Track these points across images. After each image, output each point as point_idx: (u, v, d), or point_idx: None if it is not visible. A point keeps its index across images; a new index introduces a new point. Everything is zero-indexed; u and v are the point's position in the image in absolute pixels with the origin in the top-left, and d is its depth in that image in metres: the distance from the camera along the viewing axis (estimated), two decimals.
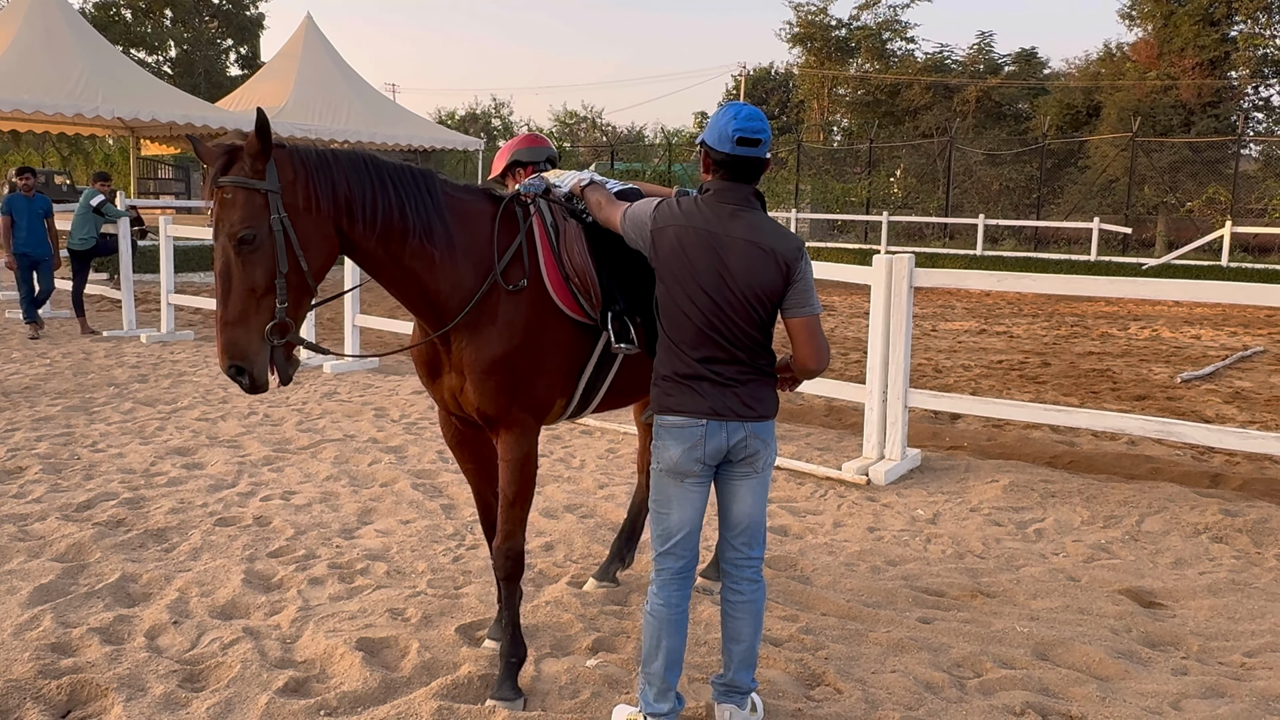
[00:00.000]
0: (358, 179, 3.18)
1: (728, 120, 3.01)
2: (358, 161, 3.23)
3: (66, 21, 20.80)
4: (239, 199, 2.97)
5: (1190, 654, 4.01)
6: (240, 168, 2.99)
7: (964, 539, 5.35)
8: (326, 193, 3.10)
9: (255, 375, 3.01)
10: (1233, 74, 36.04)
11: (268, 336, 3.01)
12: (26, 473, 6.14)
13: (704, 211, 3.04)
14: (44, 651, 3.75)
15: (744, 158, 3.01)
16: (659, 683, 3.14)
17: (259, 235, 2.97)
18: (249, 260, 2.97)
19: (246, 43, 51.24)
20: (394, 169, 3.30)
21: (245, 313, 2.98)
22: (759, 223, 3.05)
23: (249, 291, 2.98)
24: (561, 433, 7.41)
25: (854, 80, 45.27)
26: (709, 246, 3.00)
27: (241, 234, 2.95)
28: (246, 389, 3.02)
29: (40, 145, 47.46)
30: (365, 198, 3.17)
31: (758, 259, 3.00)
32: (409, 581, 4.59)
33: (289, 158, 3.08)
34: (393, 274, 3.31)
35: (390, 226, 3.22)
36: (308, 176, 3.08)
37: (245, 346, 2.98)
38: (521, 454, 3.45)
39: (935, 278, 6.75)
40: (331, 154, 3.19)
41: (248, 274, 2.98)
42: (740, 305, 3.00)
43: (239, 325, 2.98)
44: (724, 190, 3.05)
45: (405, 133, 24.97)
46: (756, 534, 3.21)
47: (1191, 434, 5.88)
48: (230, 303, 2.98)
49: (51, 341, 11.22)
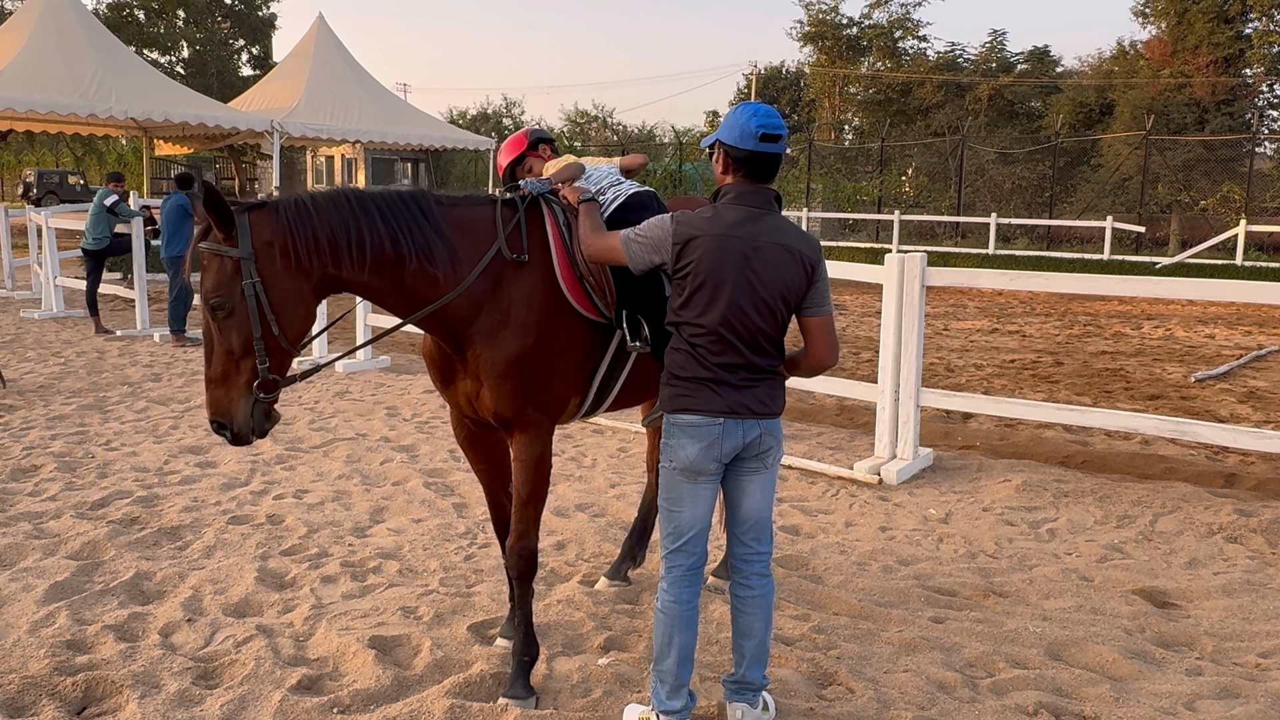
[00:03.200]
0: (340, 220, 3.16)
1: (748, 118, 3.01)
2: (339, 201, 3.20)
3: (80, 22, 20.88)
4: (212, 265, 3.03)
5: (1204, 654, 3.99)
6: (215, 235, 3.03)
7: (976, 539, 5.33)
8: (306, 245, 3.09)
9: (236, 431, 3.10)
10: (1247, 71, 35.84)
11: (250, 393, 3.08)
12: (41, 471, 6.17)
13: (729, 217, 3.03)
14: (59, 648, 3.77)
15: (765, 154, 3.01)
16: (671, 680, 3.14)
17: (230, 302, 3.01)
18: (223, 326, 3.04)
19: (259, 43, 51.42)
20: (380, 199, 3.27)
21: (226, 373, 3.07)
22: (782, 225, 3.05)
23: (227, 354, 3.06)
24: (573, 432, 7.42)
25: (865, 79, 45.19)
26: (739, 252, 2.99)
27: (213, 301, 3.02)
28: (230, 442, 3.13)
29: (54, 145, 47.75)
30: (350, 237, 3.16)
31: (785, 261, 3.01)
32: (421, 580, 4.60)
33: (264, 218, 3.07)
34: (397, 299, 3.31)
35: (381, 258, 3.21)
36: (285, 232, 3.07)
37: (226, 405, 3.08)
38: (536, 454, 3.45)
39: (947, 276, 6.73)
40: (310, 200, 3.17)
41: (224, 338, 3.05)
42: (766, 308, 3.01)
43: (220, 385, 3.07)
44: (746, 194, 3.05)
45: (417, 132, 24.97)
46: (764, 529, 3.22)
47: (1206, 433, 5.85)
48: (212, 363, 3.08)
49: (66, 341, 11.28)
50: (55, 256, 13.53)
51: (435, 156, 44.41)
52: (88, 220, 12.02)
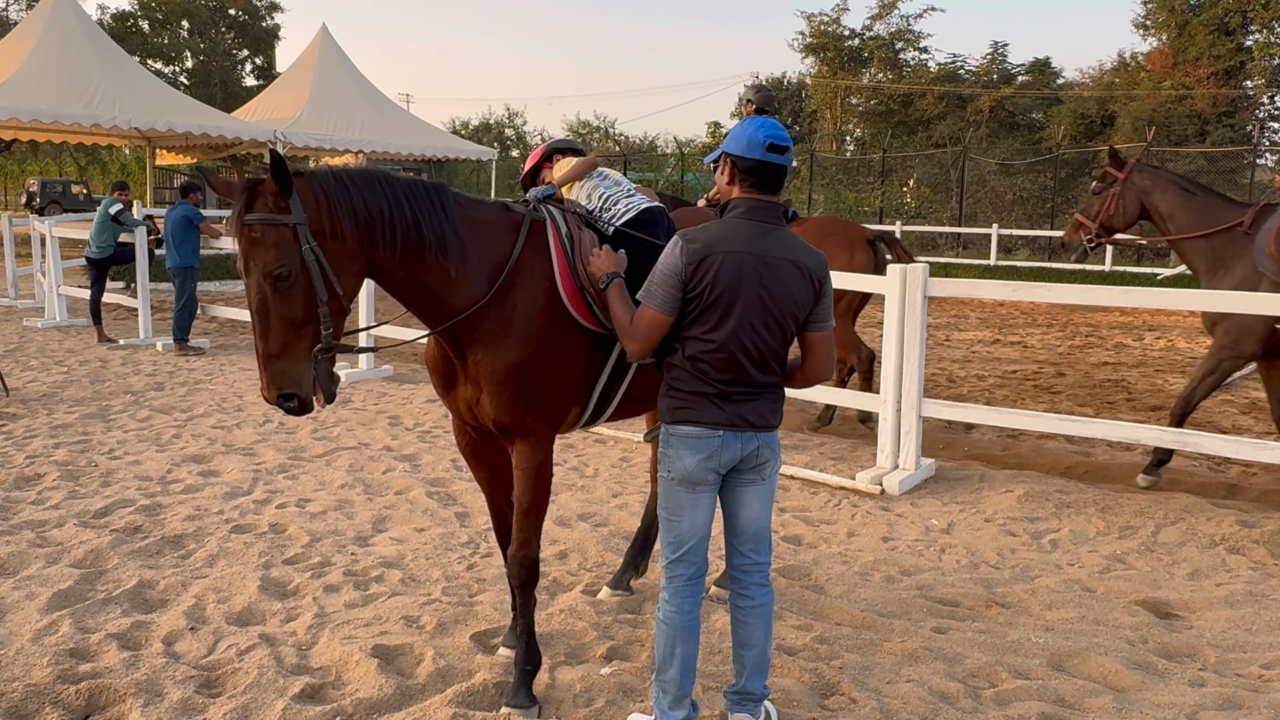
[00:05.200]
0: (375, 199, 3.17)
1: (755, 129, 3.03)
2: (373, 180, 3.21)
3: (84, 33, 20.97)
4: (268, 236, 2.94)
5: (1207, 665, 3.99)
6: (264, 203, 2.96)
7: (978, 549, 5.33)
8: (348, 216, 3.09)
9: (304, 398, 3.02)
10: (1248, 83, 35.90)
11: (314, 359, 3.02)
12: (45, 479, 6.18)
13: (740, 232, 3.02)
14: (62, 657, 3.77)
15: (773, 164, 3.03)
16: (674, 689, 3.14)
17: (293, 270, 2.95)
18: (287, 295, 2.95)
19: (262, 53, 51.67)
20: (407, 185, 3.28)
21: (288, 343, 2.98)
22: (790, 240, 3.06)
23: (289, 324, 2.97)
24: (575, 441, 7.42)
25: (867, 90, 45.28)
26: (751, 269, 2.99)
27: (276, 271, 2.93)
28: (295, 412, 3.03)
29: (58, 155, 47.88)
30: (384, 218, 3.16)
31: (794, 277, 3.02)
32: (424, 589, 4.60)
33: (308, 185, 3.06)
34: (411, 292, 3.32)
35: (409, 244, 3.21)
36: (330, 202, 3.07)
37: (292, 374, 2.99)
38: (537, 462, 3.46)
39: (949, 287, 6.74)
40: (347, 175, 3.17)
41: (287, 308, 2.96)
42: (776, 325, 3.02)
43: (284, 357, 2.98)
44: (755, 208, 3.05)
45: (419, 143, 25.05)
46: (763, 540, 3.23)
47: (1208, 444, 5.85)
48: (271, 338, 2.97)
49: (69, 349, 11.30)
50: (58, 265, 13.57)
51: (438, 167, 44.45)
52: (92, 229, 12.06)
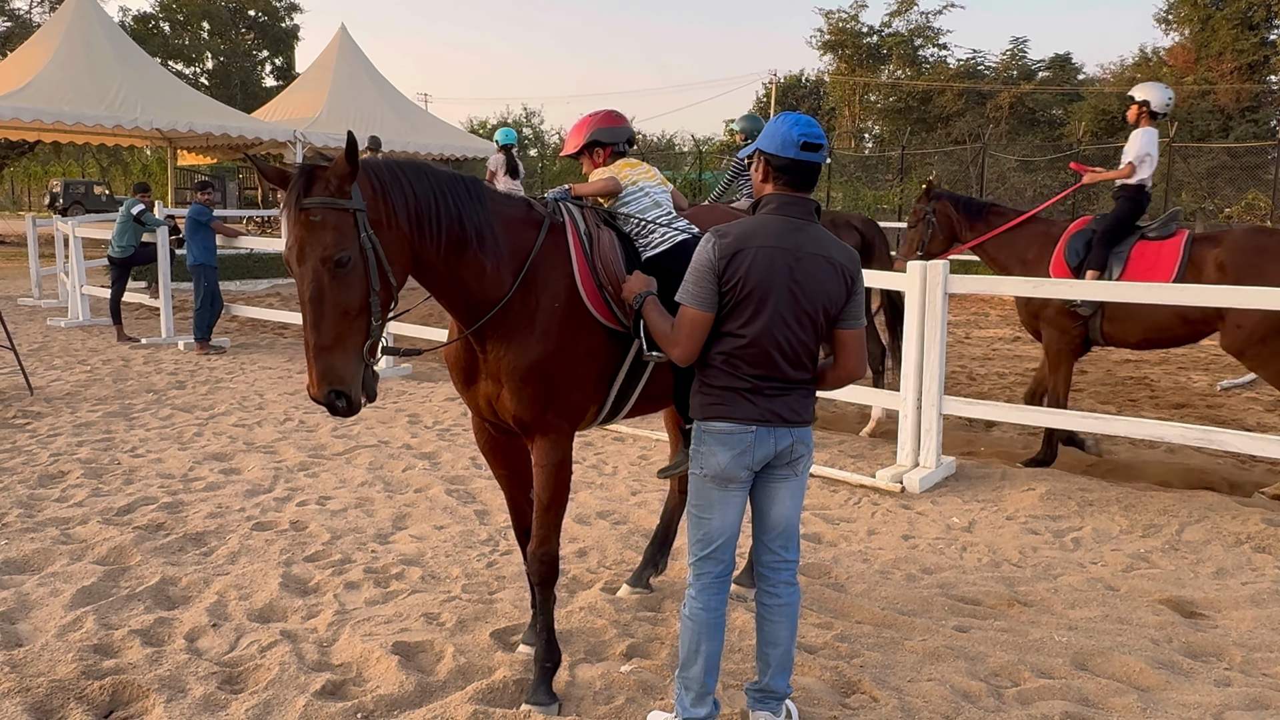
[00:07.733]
0: (423, 190, 3.15)
1: (790, 126, 3.03)
2: (420, 172, 3.20)
3: (106, 35, 21.17)
4: (329, 220, 2.87)
5: (1233, 665, 3.94)
6: (325, 188, 2.89)
7: (1000, 547, 5.30)
8: (401, 206, 3.08)
9: (353, 398, 2.91)
10: (1272, 78, 35.56)
11: (363, 356, 2.95)
12: (68, 477, 6.23)
13: (772, 228, 3.02)
14: (87, 652, 3.80)
15: (806, 162, 3.03)
16: (698, 687, 3.14)
17: (352, 256, 2.89)
18: (343, 282, 2.88)
19: (282, 54, 51.92)
20: (449, 178, 3.27)
21: (340, 335, 2.88)
22: (822, 236, 3.05)
23: (343, 314, 2.89)
24: (594, 439, 7.43)
25: (885, 87, 45.11)
26: (783, 264, 2.98)
27: (337, 256, 2.85)
28: (343, 413, 2.91)
29: (80, 156, 48.28)
30: (431, 210, 3.15)
31: (827, 273, 3.01)
32: (444, 586, 4.61)
33: (365, 174, 3.02)
34: (446, 284, 3.30)
35: (453, 238, 3.20)
36: (384, 191, 3.05)
37: (343, 370, 2.88)
38: (556, 459, 3.46)
39: (969, 284, 6.70)
40: (399, 166, 3.16)
41: (342, 296, 2.88)
42: (808, 320, 3.01)
43: (335, 350, 2.88)
44: (787, 204, 3.05)
45: (437, 142, 25.15)
46: (792, 537, 3.21)
47: (1232, 442, 5.78)
48: (323, 328, 2.86)
49: (92, 349, 11.39)
50: (82, 265, 13.67)
51: (455, 165, 44.64)
52: (114, 229, 12.16)
